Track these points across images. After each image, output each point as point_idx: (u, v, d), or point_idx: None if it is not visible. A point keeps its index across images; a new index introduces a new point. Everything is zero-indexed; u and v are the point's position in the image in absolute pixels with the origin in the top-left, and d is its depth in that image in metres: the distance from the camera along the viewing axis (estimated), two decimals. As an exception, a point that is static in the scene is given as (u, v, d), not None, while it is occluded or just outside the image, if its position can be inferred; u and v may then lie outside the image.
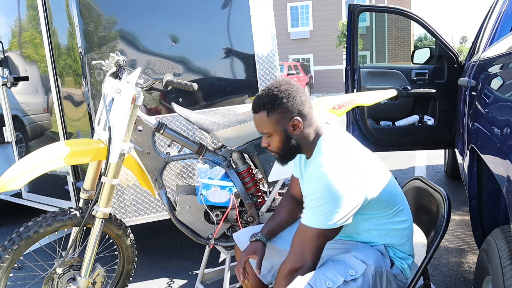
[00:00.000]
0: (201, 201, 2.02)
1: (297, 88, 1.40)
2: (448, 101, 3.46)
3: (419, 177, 1.72)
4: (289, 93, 1.37)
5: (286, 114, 1.38)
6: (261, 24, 2.81)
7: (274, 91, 1.38)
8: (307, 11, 22.35)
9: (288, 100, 1.37)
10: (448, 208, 1.42)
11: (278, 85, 1.39)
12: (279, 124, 1.39)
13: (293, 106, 1.37)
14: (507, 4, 2.28)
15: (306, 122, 1.41)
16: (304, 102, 1.39)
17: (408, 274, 1.48)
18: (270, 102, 1.38)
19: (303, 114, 1.39)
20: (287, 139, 1.41)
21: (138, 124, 1.96)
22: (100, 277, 1.98)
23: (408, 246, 1.49)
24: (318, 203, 1.28)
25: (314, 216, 1.29)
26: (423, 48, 3.85)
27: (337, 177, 1.27)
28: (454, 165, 4.24)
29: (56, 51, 2.67)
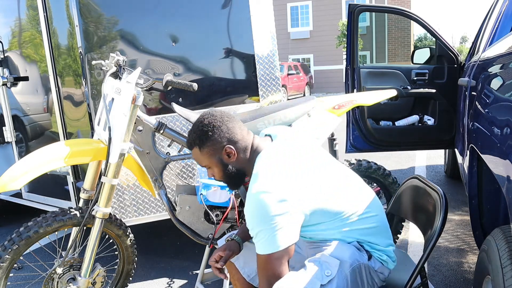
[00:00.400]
0: (201, 201, 2.02)
1: (221, 118, 1.43)
2: (448, 101, 3.46)
3: (416, 176, 1.72)
4: (213, 125, 1.42)
5: (216, 145, 1.42)
6: (261, 24, 2.81)
7: (199, 126, 1.43)
8: (307, 11, 22.35)
9: (213, 132, 1.41)
10: (445, 207, 1.42)
11: (202, 119, 1.44)
12: (213, 156, 1.43)
13: (220, 137, 1.42)
14: (507, 4, 2.28)
15: (239, 146, 1.43)
16: (231, 129, 1.43)
17: (390, 265, 1.47)
18: (198, 138, 1.43)
19: (234, 141, 1.43)
20: (225, 168, 1.45)
21: (138, 124, 1.96)
22: (100, 277, 1.98)
23: (384, 239, 1.48)
24: (257, 231, 1.29)
25: (259, 244, 1.30)
26: (423, 48, 3.84)
27: (268, 200, 1.27)
28: (454, 165, 4.24)
29: (56, 51, 2.67)
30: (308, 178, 1.36)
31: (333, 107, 2.47)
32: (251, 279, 1.63)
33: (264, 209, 1.27)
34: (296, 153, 1.42)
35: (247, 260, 1.62)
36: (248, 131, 1.49)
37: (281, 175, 1.32)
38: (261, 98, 2.86)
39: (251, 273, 1.62)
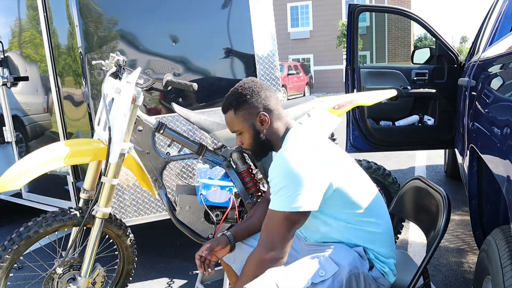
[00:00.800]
0: (201, 201, 2.02)
1: (260, 85, 1.46)
2: (448, 101, 3.46)
3: (419, 177, 1.71)
4: (252, 89, 1.44)
5: (252, 110, 1.44)
6: (261, 24, 2.81)
7: (238, 89, 1.45)
8: (307, 11, 22.34)
9: (252, 96, 1.43)
10: (448, 208, 1.42)
11: (242, 83, 1.46)
12: (247, 121, 1.45)
13: (257, 102, 1.43)
14: (507, 4, 2.28)
15: (273, 116, 1.45)
16: (269, 97, 1.45)
17: (390, 279, 1.46)
18: (236, 100, 1.44)
19: (269, 109, 1.45)
20: (257, 135, 1.46)
21: (138, 124, 1.96)
22: (100, 277, 1.98)
23: (389, 250, 1.47)
24: (281, 186, 1.30)
25: (278, 200, 1.31)
26: (423, 48, 3.85)
27: (298, 160, 1.29)
28: (454, 165, 4.24)
29: (56, 51, 2.67)
30: (336, 159, 1.38)
31: (333, 107, 2.47)
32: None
33: (294, 166, 1.28)
34: (324, 138, 1.46)
35: (236, 256, 1.61)
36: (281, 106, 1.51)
37: (312, 146, 1.35)
38: (261, 98, 2.86)
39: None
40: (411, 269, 1.62)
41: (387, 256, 1.46)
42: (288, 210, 1.29)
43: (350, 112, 3.50)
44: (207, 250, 1.51)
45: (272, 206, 1.32)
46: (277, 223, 1.31)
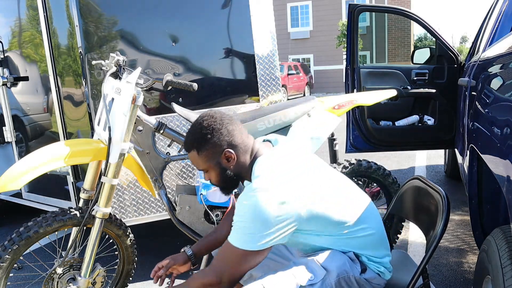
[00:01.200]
0: (201, 201, 2.02)
1: (221, 120, 1.38)
2: (448, 101, 3.46)
3: (418, 177, 1.71)
4: (213, 128, 1.36)
5: (216, 149, 1.37)
6: (261, 24, 2.81)
7: (198, 129, 1.37)
8: (307, 11, 22.35)
9: (213, 135, 1.36)
10: (447, 208, 1.42)
11: (201, 121, 1.38)
12: (212, 160, 1.38)
13: (220, 140, 1.36)
14: (507, 4, 2.28)
15: (239, 151, 1.39)
16: (232, 132, 1.37)
17: (386, 276, 1.45)
18: (196, 141, 1.37)
19: (234, 144, 1.38)
20: (224, 172, 1.40)
21: (138, 124, 1.97)
22: (100, 277, 1.98)
23: (382, 250, 1.45)
24: (244, 224, 1.26)
25: (239, 236, 1.27)
26: (423, 48, 3.85)
27: (264, 202, 1.24)
28: (454, 165, 4.24)
29: (56, 51, 2.67)
30: (310, 184, 1.34)
31: (333, 107, 2.47)
32: (245, 282, 1.62)
33: (259, 207, 1.24)
34: (298, 158, 1.39)
35: None
36: (248, 134, 1.45)
37: (282, 177, 1.30)
38: (261, 98, 2.86)
39: (245, 277, 1.62)
40: (410, 269, 1.62)
41: (380, 256, 1.44)
42: (246, 249, 1.26)
43: (350, 112, 3.50)
44: (164, 268, 1.51)
45: (232, 239, 1.28)
46: (233, 257, 1.28)
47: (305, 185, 1.32)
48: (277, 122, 2.26)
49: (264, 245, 1.26)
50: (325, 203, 1.34)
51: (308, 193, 1.31)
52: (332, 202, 1.36)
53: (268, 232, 1.25)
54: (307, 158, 1.42)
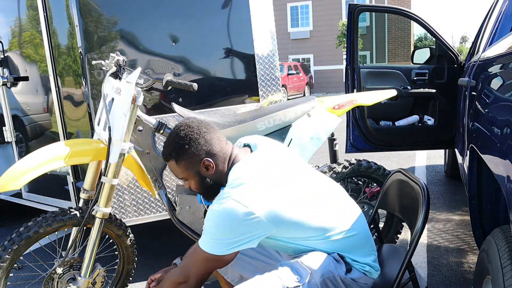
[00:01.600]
0: (201, 201, 2.02)
1: (198, 129, 1.39)
2: (448, 101, 3.46)
3: (400, 170, 1.72)
4: (190, 138, 1.38)
5: (194, 159, 1.38)
6: (261, 24, 2.81)
7: (175, 139, 1.39)
8: (307, 11, 22.35)
9: (190, 145, 1.37)
10: (426, 200, 1.42)
11: (178, 131, 1.40)
12: (191, 169, 1.40)
13: (198, 149, 1.38)
14: (507, 4, 2.28)
15: (217, 159, 1.40)
16: (210, 141, 1.39)
17: (374, 275, 1.45)
18: (174, 151, 1.39)
19: (212, 153, 1.39)
20: (203, 180, 1.42)
21: (138, 124, 1.97)
22: (100, 277, 1.98)
23: (366, 250, 1.45)
24: (212, 230, 1.28)
25: (207, 240, 1.30)
26: (423, 48, 3.85)
27: (231, 210, 1.25)
28: (454, 165, 4.24)
29: (56, 51, 2.67)
30: (284, 193, 1.33)
31: (333, 107, 2.46)
32: (236, 283, 1.63)
33: (227, 215, 1.25)
34: (275, 163, 1.39)
35: (228, 267, 1.62)
36: (227, 141, 1.45)
37: (254, 186, 1.29)
38: (261, 98, 2.86)
39: (234, 278, 1.63)
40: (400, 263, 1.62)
41: (365, 255, 1.44)
42: (211, 253, 1.29)
43: (350, 112, 3.50)
44: (156, 281, 1.52)
45: (200, 242, 1.31)
46: (199, 259, 1.32)
47: (277, 195, 1.31)
48: (277, 122, 2.26)
49: (229, 250, 1.29)
50: (302, 211, 1.34)
51: (280, 202, 1.31)
52: (310, 210, 1.35)
53: (234, 239, 1.27)
54: (286, 165, 1.40)
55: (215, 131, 1.42)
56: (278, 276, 1.32)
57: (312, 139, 2.37)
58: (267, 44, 2.85)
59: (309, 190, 1.39)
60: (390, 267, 1.64)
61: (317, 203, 1.39)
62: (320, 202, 1.40)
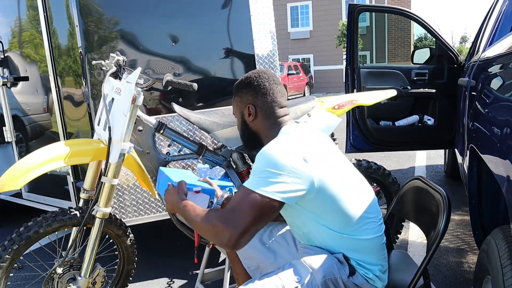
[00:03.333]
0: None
1: (263, 79, 1.46)
2: (448, 101, 3.46)
3: (419, 177, 1.71)
4: (250, 81, 1.46)
5: (243, 100, 1.48)
6: (261, 24, 2.81)
7: (245, 76, 1.49)
8: (307, 11, 22.35)
9: (246, 87, 1.47)
10: (448, 208, 1.42)
11: (252, 73, 1.49)
12: (239, 108, 1.51)
13: (249, 94, 1.46)
14: (507, 4, 2.29)
15: (262, 112, 1.46)
16: (266, 93, 1.45)
17: (378, 284, 1.41)
18: (236, 85, 1.50)
19: (258, 105, 1.46)
20: (244, 124, 1.50)
21: (138, 124, 1.96)
22: (100, 277, 1.98)
23: (375, 257, 1.42)
24: (258, 169, 1.27)
25: (253, 179, 1.27)
26: (423, 48, 3.85)
27: (282, 150, 1.28)
28: (454, 165, 4.24)
29: (56, 51, 2.67)
30: (331, 162, 1.35)
31: (333, 107, 2.46)
32: (251, 272, 1.64)
33: (277, 156, 1.26)
34: (325, 138, 1.44)
35: (249, 254, 1.62)
36: (286, 107, 1.48)
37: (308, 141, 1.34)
38: (261, 98, 2.86)
39: (251, 266, 1.64)
40: (411, 269, 1.62)
41: (372, 263, 1.41)
42: (257, 191, 1.23)
43: (350, 112, 3.50)
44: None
45: (246, 183, 1.27)
46: (244, 199, 1.24)
47: (319, 160, 1.32)
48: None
49: (270, 193, 1.22)
50: (337, 187, 1.34)
51: (327, 167, 1.33)
52: (342, 191, 1.35)
53: (278, 179, 1.24)
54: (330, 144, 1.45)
55: (278, 91, 1.47)
56: (278, 277, 1.31)
57: (312, 139, 2.37)
58: (267, 44, 2.85)
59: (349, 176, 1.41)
60: (398, 273, 1.63)
61: (353, 192, 1.39)
62: (356, 193, 1.40)
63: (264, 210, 1.23)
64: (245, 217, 1.22)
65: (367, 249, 1.41)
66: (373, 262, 1.42)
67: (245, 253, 1.64)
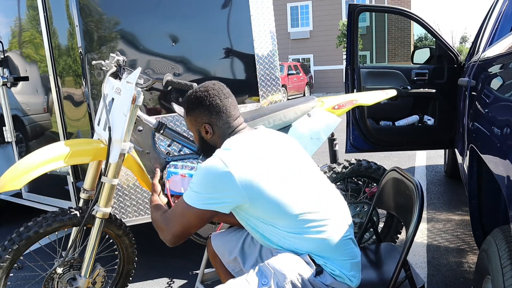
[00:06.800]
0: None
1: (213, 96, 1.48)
2: (448, 101, 3.46)
3: (395, 168, 1.71)
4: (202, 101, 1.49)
5: (198, 120, 1.51)
6: (261, 24, 2.81)
7: (194, 93, 1.51)
8: (307, 11, 22.35)
9: (199, 107, 1.49)
10: (420, 198, 1.42)
11: (199, 89, 1.51)
12: (194, 126, 1.54)
13: (203, 114, 1.49)
14: (507, 4, 2.28)
15: (218, 128, 1.50)
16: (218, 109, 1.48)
17: (347, 281, 1.40)
18: (187, 105, 1.53)
19: (214, 122, 1.50)
20: (202, 139, 1.56)
21: (138, 124, 1.96)
22: (100, 277, 1.98)
23: (339, 253, 1.41)
24: (193, 183, 1.38)
25: (189, 192, 1.39)
26: (423, 48, 3.84)
27: (213, 166, 1.33)
28: (454, 165, 4.24)
29: (56, 51, 2.67)
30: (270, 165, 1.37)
31: (333, 107, 2.46)
32: (236, 273, 1.68)
33: (209, 169, 1.33)
34: (268, 142, 1.44)
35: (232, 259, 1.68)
36: (238, 116, 1.53)
37: (240, 152, 1.36)
38: (261, 98, 2.86)
39: (235, 268, 1.69)
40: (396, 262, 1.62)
41: (338, 259, 1.40)
42: (188, 203, 1.37)
43: (350, 112, 3.50)
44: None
45: (184, 194, 1.41)
46: (179, 208, 1.40)
47: (259, 166, 1.35)
48: (277, 122, 2.26)
49: (203, 206, 1.35)
50: (278, 191, 1.35)
51: (264, 174, 1.34)
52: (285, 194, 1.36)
53: (208, 195, 1.34)
54: (279, 147, 1.45)
55: (228, 103, 1.50)
56: (245, 279, 1.34)
57: (312, 139, 2.37)
58: (267, 44, 2.85)
59: (298, 177, 1.41)
60: (388, 266, 1.64)
61: (299, 188, 1.39)
62: (306, 192, 1.40)
63: (193, 219, 1.38)
64: (178, 223, 1.40)
65: (325, 248, 1.40)
66: (340, 258, 1.41)
67: (226, 258, 1.70)
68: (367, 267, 1.66)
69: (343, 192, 2.80)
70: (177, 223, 1.40)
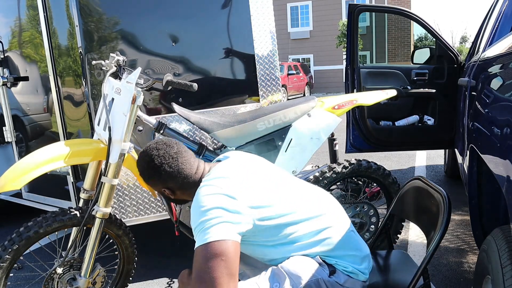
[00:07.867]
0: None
1: (163, 160, 1.41)
2: (448, 101, 3.46)
3: (419, 177, 1.71)
4: (154, 167, 1.42)
5: (156, 186, 1.46)
6: (261, 24, 2.81)
7: (144, 162, 1.44)
8: (307, 11, 22.35)
9: (153, 175, 1.43)
10: (448, 208, 1.41)
11: (147, 157, 1.44)
12: (156, 188, 1.48)
13: (159, 180, 1.43)
14: (507, 4, 2.28)
15: (178, 187, 1.44)
16: (171, 173, 1.41)
17: (361, 277, 1.41)
18: (142, 174, 1.47)
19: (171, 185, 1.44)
20: (167, 198, 1.52)
21: (138, 124, 1.97)
22: (100, 277, 1.98)
23: (346, 250, 1.42)
24: (194, 226, 1.25)
25: (197, 238, 1.24)
26: (423, 48, 3.84)
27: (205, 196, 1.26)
28: (454, 165, 4.24)
29: (56, 51, 2.67)
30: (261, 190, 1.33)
31: (333, 107, 2.46)
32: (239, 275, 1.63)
33: (202, 204, 1.25)
34: (249, 165, 1.41)
35: None
36: (198, 164, 1.46)
37: (233, 179, 1.30)
38: (261, 98, 2.86)
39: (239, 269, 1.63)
40: (410, 269, 1.62)
41: (348, 254, 1.41)
42: (204, 243, 1.20)
43: (350, 112, 3.50)
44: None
45: (196, 245, 1.24)
46: (200, 259, 1.19)
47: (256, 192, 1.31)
48: (277, 122, 2.26)
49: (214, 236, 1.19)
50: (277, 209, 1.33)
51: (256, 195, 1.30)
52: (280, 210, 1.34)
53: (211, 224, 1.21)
54: (260, 167, 1.43)
55: (180, 163, 1.42)
56: (255, 282, 1.31)
57: (312, 139, 2.37)
58: (267, 44, 2.85)
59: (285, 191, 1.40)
60: (398, 273, 1.63)
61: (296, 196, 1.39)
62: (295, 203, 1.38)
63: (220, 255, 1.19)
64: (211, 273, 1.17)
65: (334, 246, 1.40)
66: (348, 254, 1.41)
67: None
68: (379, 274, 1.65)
69: (343, 192, 2.80)
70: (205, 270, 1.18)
